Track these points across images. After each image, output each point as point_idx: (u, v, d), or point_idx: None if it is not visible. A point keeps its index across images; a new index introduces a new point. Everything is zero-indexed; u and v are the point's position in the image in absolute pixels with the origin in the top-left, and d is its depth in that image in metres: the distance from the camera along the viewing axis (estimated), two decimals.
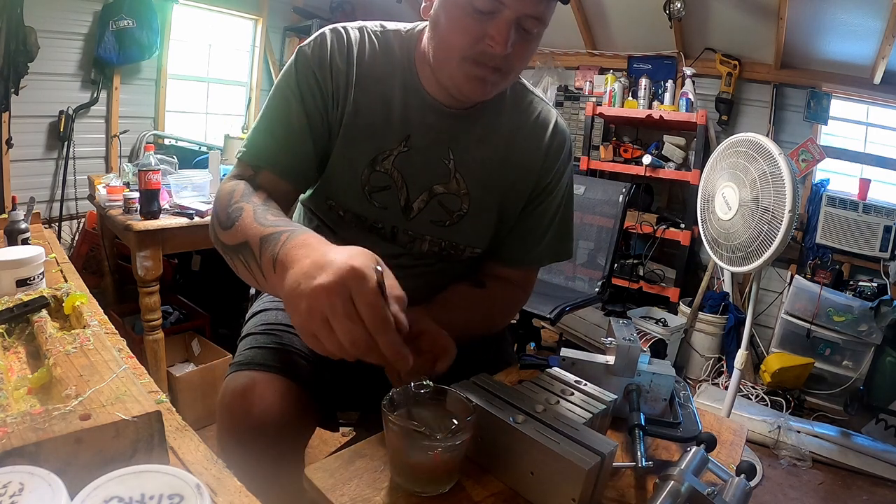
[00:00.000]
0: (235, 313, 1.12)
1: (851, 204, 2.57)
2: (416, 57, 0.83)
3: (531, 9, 0.70)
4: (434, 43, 0.76)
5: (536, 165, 0.89)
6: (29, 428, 0.42)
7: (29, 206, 1.32)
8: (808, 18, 2.49)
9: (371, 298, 0.51)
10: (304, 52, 0.82)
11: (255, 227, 0.66)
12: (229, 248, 0.70)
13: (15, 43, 2.38)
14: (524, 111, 0.90)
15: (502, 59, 0.73)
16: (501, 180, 0.88)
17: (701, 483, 0.55)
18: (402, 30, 0.86)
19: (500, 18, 0.69)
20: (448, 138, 0.84)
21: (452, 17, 0.72)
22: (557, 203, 0.93)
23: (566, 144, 0.92)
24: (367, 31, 0.85)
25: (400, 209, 0.85)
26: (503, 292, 0.93)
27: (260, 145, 0.81)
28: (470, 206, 0.87)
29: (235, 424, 0.75)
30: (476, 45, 0.71)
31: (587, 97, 3.34)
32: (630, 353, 0.73)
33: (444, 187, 0.86)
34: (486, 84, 0.76)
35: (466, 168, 0.86)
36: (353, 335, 0.51)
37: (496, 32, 0.70)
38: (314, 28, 3.51)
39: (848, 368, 2.45)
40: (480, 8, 0.69)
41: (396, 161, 0.83)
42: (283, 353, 0.83)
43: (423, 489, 0.56)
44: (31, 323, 0.67)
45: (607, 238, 2.20)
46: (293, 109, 0.80)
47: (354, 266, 0.51)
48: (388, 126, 0.82)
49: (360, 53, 0.82)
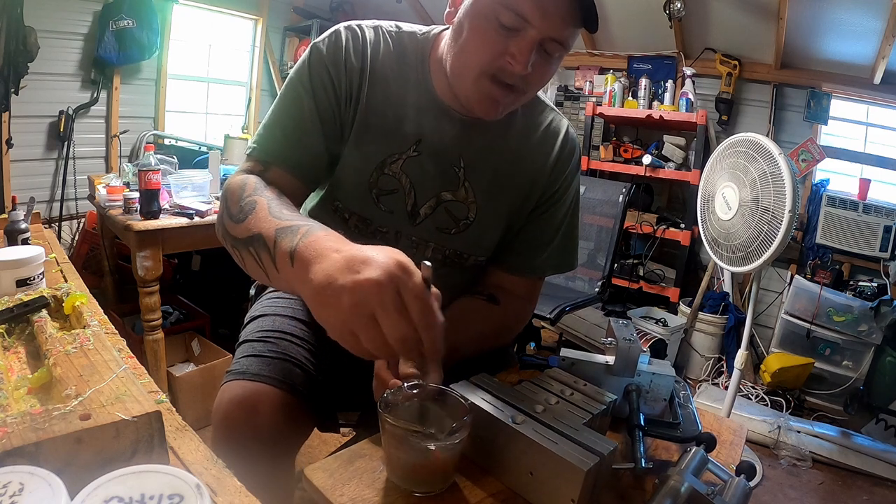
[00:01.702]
0: (235, 313, 1.12)
1: (851, 204, 2.57)
2: (432, 61, 0.83)
3: (556, 32, 0.69)
4: (454, 52, 0.75)
5: (545, 173, 0.88)
6: (29, 428, 0.42)
7: (29, 206, 1.32)
8: (808, 18, 2.49)
9: (420, 291, 0.50)
10: (319, 48, 0.81)
11: (270, 219, 0.64)
12: (239, 242, 0.68)
13: (15, 43, 2.38)
14: (535, 120, 0.89)
15: (519, 78, 0.72)
16: (510, 189, 0.87)
17: (701, 483, 0.55)
18: (418, 32, 0.86)
19: (524, 37, 0.69)
20: (459, 145, 0.84)
21: (476, 29, 0.71)
22: (564, 212, 0.92)
23: (576, 154, 0.92)
24: (382, 30, 0.84)
25: (406, 214, 0.84)
26: (513, 307, 0.91)
27: (270, 141, 0.80)
28: (477, 215, 0.86)
29: (231, 435, 0.75)
30: (496, 61, 0.71)
31: (587, 97, 3.34)
32: (630, 353, 0.73)
33: (453, 195, 0.85)
34: (498, 105, 0.76)
35: (476, 176, 0.85)
36: (402, 331, 0.49)
37: (518, 51, 0.69)
38: (314, 28, 3.51)
39: (848, 368, 2.45)
40: (506, 24, 0.69)
41: (405, 165, 0.82)
42: (280, 363, 0.82)
43: (419, 489, 0.56)
44: (31, 323, 0.67)
45: (607, 238, 2.20)
46: (305, 106, 0.79)
47: (401, 260, 0.51)
48: (399, 129, 0.82)
49: (374, 52, 0.81)
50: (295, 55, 3.68)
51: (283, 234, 0.60)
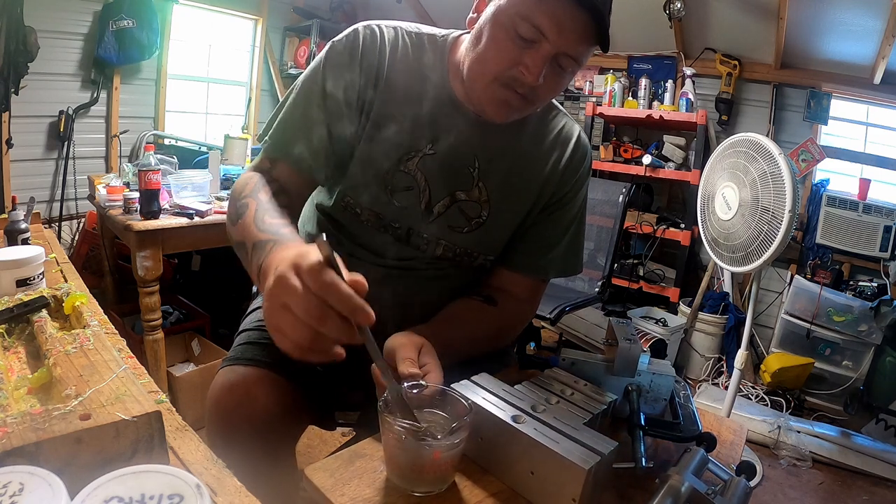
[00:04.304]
0: (235, 313, 1.12)
1: (851, 204, 2.57)
2: (450, 64, 0.84)
3: (571, 48, 0.71)
4: (471, 56, 0.77)
5: (556, 176, 0.90)
6: (29, 428, 0.42)
7: (29, 206, 1.32)
8: (808, 18, 2.49)
9: (313, 267, 0.50)
10: (336, 46, 0.82)
11: (252, 229, 0.67)
12: (235, 243, 0.72)
13: (15, 43, 2.38)
14: (548, 124, 0.91)
15: (530, 89, 0.74)
16: (522, 191, 0.88)
17: (701, 483, 0.55)
18: (437, 35, 0.87)
19: (539, 50, 0.71)
20: (474, 146, 0.85)
21: (494, 38, 0.73)
22: (572, 215, 0.93)
23: (587, 160, 0.93)
24: (401, 31, 0.85)
25: (420, 211, 0.85)
26: (511, 308, 0.92)
27: (279, 136, 0.82)
28: (489, 215, 0.87)
29: (223, 418, 0.76)
30: (510, 70, 0.73)
31: (587, 97, 3.35)
32: (630, 353, 0.73)
33: (467, 194, 0.86)
34: (509, 108, 0.77)
35: (490, 177, 0.86)
36: (307, 307, 0.49)
37: (531, 62, 0.71)
38: (314, 28, 3.51)
39: (848, 368, 2.45)
40: (523, 35, 0.71)
41: (421, 163, 0.83)
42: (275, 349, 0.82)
43: (419, 489, 0.56)
44: (31, 323, 0.67)
45: (607, 238, 2.20)
46: (315, 103, 0.80)
47: (300, 251, 0.52)
48: (416, 127, 0.83)
49: (392, 52, 0.83)
50: (295, 55, 3.68)
51: (257, 248, 0.64)
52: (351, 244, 0.88)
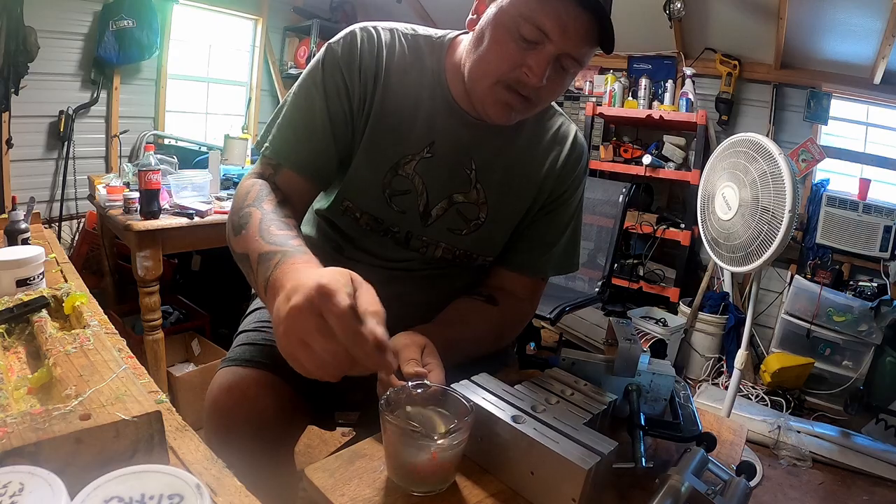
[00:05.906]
0: (235, 313, 1.12)
1: (851, 204, 2.57)
2: (447, 65, 0.84)
3: (573, 49, 0.71)
4: (473, 58, 0.76)
5: (553, 176, 0.89)
6: (29, 428, 0.42)
7: (29, 206, 1.32)
8: (808, 18, 2.49)
9: (339, 311, 0.49)
10: (333, 49, 0.81)
11: (257, 240, 0.66)
12: (237, 255, 0.70)
13: (15, 43, 2.38)
14: (545, 124, 0.91)
15: (533, 90, 0.74)
16: (520, 191, 0.88)
17: (701, 483, 0.55)
18: (434, 36, 0.86)
19: (542, 51, 0.71)
20: (471, 147, 0.85)
21: (497, 39, 0.73)
22: (569, 215, 0.93)
23: (583, 159, 0.93)
24: (398, 32, 0.85)
25: (418, 215, 0.85)
26: (512, 308, 0.92)
27: (281, 143, 0.81)
28: (487, 216, 0.87)
29: (222, 419, 0.76)
30: (513, 71, 0.73)
31: (587, 97, 3.35)
32: (630, 353, 0.73)
33: (464, 196, 0.86)
34: (511, 110, 0.77)
35: (487, 178, 0.86)
36: (330, 351, 0.50)
37: (535, 63, 0.71)
38: (314, 28, 3.51)
39: (848, 368, 2.45)
40: (526, 36, 0.70)
41: (419, 166, 0.83)
42: (273, 349, 0.82)
43: (419, 489, 0.56)
44: (31, 323, 0.67)
45: (607, 238, 2.20)
46: (317, 107, 0.79)
47: (322, 283, 0.50)
48: (413, 130, 0.82)
49: (389, 54, 0.82)
50: (295, 55, 3.68)
51: (262, 261, 0.63)
52: (350, 248, 0.88)
